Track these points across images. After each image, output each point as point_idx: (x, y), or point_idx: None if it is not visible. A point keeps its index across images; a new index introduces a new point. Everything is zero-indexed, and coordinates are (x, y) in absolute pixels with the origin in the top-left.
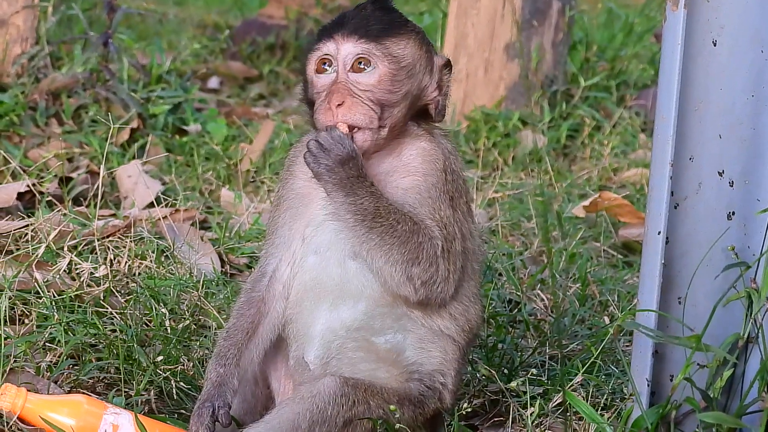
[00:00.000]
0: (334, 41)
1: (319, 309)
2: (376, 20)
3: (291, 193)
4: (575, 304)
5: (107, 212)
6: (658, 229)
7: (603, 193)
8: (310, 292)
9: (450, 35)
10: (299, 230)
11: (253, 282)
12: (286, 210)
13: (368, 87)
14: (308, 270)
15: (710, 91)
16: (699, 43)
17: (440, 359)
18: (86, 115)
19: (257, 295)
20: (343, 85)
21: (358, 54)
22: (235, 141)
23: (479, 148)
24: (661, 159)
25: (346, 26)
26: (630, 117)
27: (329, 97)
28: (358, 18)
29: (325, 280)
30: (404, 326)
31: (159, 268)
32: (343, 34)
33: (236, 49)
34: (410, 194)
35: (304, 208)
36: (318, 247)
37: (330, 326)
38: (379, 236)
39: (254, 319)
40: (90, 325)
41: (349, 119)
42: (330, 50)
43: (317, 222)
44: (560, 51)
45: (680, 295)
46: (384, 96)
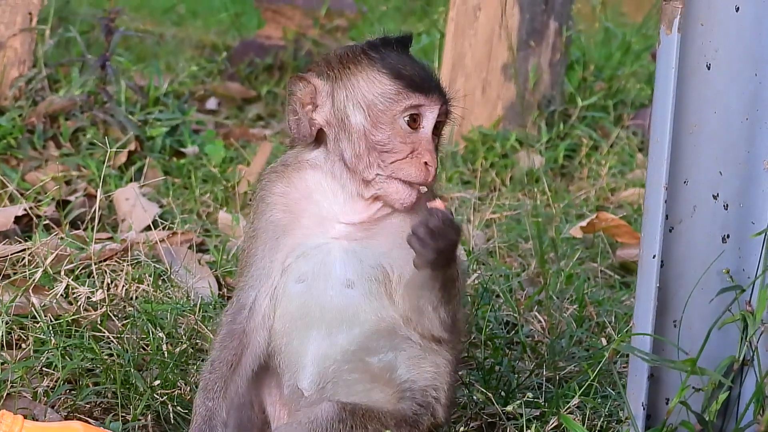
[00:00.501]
0: (427, 98)
1: (310, 337)
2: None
3: (269, 225)
4: (572, 325)
5: (104, 235)
6: (653, 253)
7: (600, 213)
8: (298, 321)
9: (447, 56)
10: (279, 261)
11: (233, 314)
12: (264, 242)
13: (438, 146)
14: (293, 299)
15: (705, 114)
16: (693, 66)
17: (432, 374)
18: (84, 138)
19: (238, 328)
20: (434, 147)
21: (442, 120)
22: (233, 163)
23: (477, 168)
24: (656, 182)
25: (435, 84)
26: (627, 137)
27: (424, 155)
28: (431, 72)
29: (314, 308)
30: (397, 345)
31: (156, 292)
32: (436, 95)
33: (234, 70)
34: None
35: (284, 238)
36: (302, 276)
37: (324, 353)
38: (449, 294)
39: (237, 351)
40: (87, 350)
41: (435, 179)
42: (424, 107)
43: (299, 251)
44: (557, 71)
45: (675, 318)
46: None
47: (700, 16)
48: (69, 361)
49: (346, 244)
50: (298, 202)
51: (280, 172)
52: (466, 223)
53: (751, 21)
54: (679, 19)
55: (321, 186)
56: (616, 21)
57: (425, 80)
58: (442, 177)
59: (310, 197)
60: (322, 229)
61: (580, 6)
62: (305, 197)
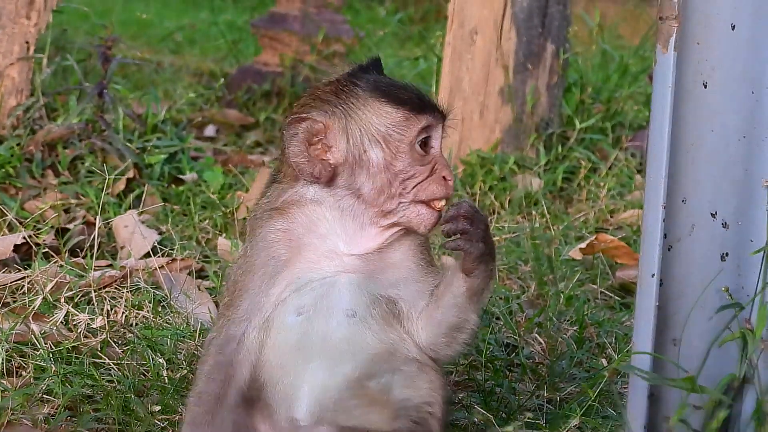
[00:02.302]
0: (434, 117)
1: (309, 370)
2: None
3: (270, 261)
4: (572, 346)
5: (104, 263)
6: (652, 272)
7: (600, 235)
8: (297, 354)
9: (445, 80)
10: (274, 295)
11: (221, 346)
12: (262, 278)
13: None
14: (289, 332)
15: (702, 133)
16: (690, 84)
17: (427, 390)
18: (82, 166)
19: (226, 360)
20: (446, 161)
21: (444, 135)
22: (232, 189)
23: (475, 192)
24: (654, 201)
25: (431, 101)
26: (626, 158)
27: (442, 170)
28: (420, 90)
29: (314, 340)
30: (396, 366)
31: (156, 318)
32: (437, 111)
33: (232, 97)
34: (421, 271)
35: (283, 272)
36: (301, 308)
37: (324, 384)
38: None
39: (224, 384)
40: (87, 376)
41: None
42: (432, 128)
43: (298, 284)
44: (555, 93)
45: (675, 336)
46: None
47: (696, 35)
48: (69, 387)
49: (353, 277)
50: (302, 237)
51: (280, 208)
52: None
53: (747, 39)
54: (675, 37)
55: (326, 220)
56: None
57: (424, 100)
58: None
59: (316, 231)
60: (328, 263)
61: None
62: (310, 231)
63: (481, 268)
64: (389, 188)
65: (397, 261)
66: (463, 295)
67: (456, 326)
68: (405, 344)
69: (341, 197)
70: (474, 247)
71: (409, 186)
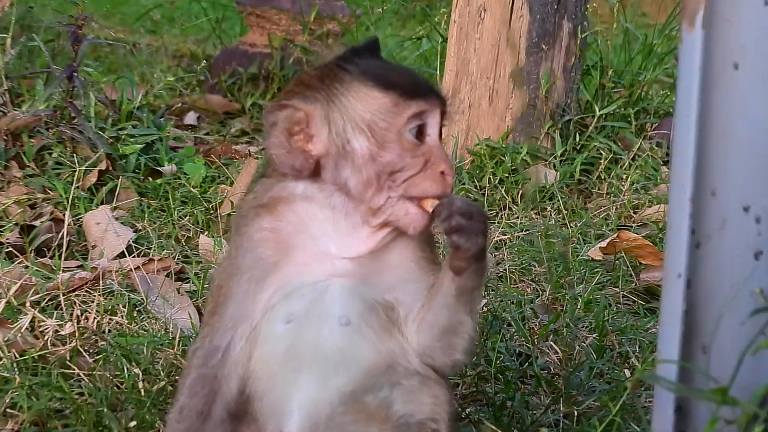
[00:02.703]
0: (427, 102)
1: (298, 382)
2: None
3: (257, 263)
4: (592, 356)
5: (73, 263)
6: (679, 272)
7: (622, 232)
8: (285, 365)
9: (450, 62)
10: (263, 301)
11: (205, 357)
12: (248, 282)
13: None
14: (278, 341)
15: (733, 119)
16: (719, 66)
17: (431, 406)
18: (50, 157)
19: (210, 372)
20: (445, 153)
21: (444, 123)
22: (215, 183)
23: (484, 186)
24: (680, 195)
25: (429, 85)
26: (651, 148)
27: (440, 164)
28: (417, 74)
29: (304, 351)
30: (395, 379)
31: (131, 325)
32: (437, 97)
33: (215, 82)
34: (419, 267)
35: (272, 276)
36: (290, 316)
37: (316, 398)
38: (480, 292)
39: (208, 399)
40: (55, 389)
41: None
42: (426, 114)
43: (287, 289)
44: (572, 77)
45: (704, 343)
46: None
47: (726, 11)
48: (35, 401)
49: (346, 282)
50: (291, 237)
51: (268, 205)
52: None
53: None
54: (702, 14)
55: (317, 219)
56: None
57: (418, 83)
58: None
59: (306, 231)
60: (319, 266)
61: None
62: (300, 231)
63: (474, 266)
64: (377, 182)
65: (394, 261)
66: (453, 295)
67: (450, 329)
68: (406, 355)
69: (331, 193)
70: (471, 243)
71: (399, 179)
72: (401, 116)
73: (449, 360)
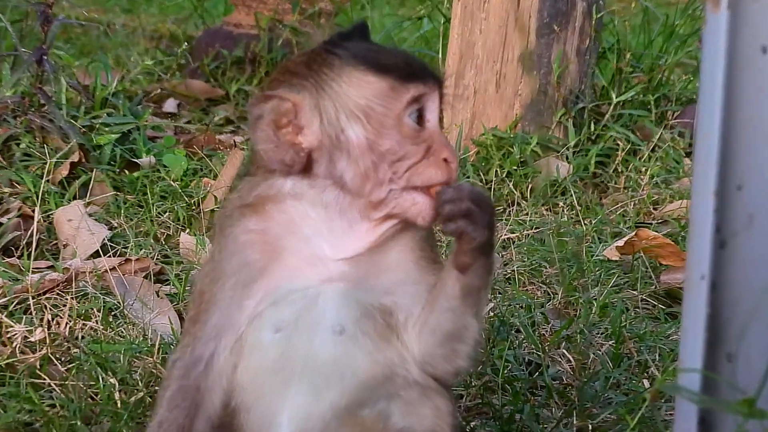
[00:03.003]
0: (425, 85)
1: (288, 394)
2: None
3: (243, 268)
4: (608, 365)
5: (44, 264)
6: (702, 273)
7: (640, 230)
8: (274, 377)
9: (454, 44)
10: (249, 308)
11: (186, 368)
12: (233, 288)
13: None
14: (267, 351)
15: (761, 107)
16: (746, 50)
17: (432, 418)
18: (17, 148)
19: (192, 384)
20: (446, 139)
21: (442, 107)
22: (197, 176)
23: (491, 179)
24: (703, 189)
25: (425, 66)
26: (672, 138)
27: (442, 151)
28: (412, 55)
29: (295, 361)
30: (391, 390)
31: (106, 331)
32: (431, 78)
33: (197, 65)
34: (417, 267)
35: (259, 281)
36: (280, 324)
37: (307, 411)
38: (483, 303)
39: (189, 412)
40: (24, 400)
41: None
42: (425, 98)
43: (276, 296)
44: (587, 60)
45: (729, 350)
46: None
47: None
48: (2, 413)
49: (341, 287)
50: (281, 239)
51: (254, 204)
52: None
53: None
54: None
55: (309, 218)
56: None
57: (414, 65)
58: None
59: (297, 232)
60: (311, 270)
61: None
62: (290, 233)
63: (480, 261)
64: (376, 173)
65: (392, 262)
66: (457, 296)
67: (454, 334)
68: (405, 364)
69: (323, 189)
70: (478, 232)
71: (400, 169)
72: (400, 101)
73: (452, 368)
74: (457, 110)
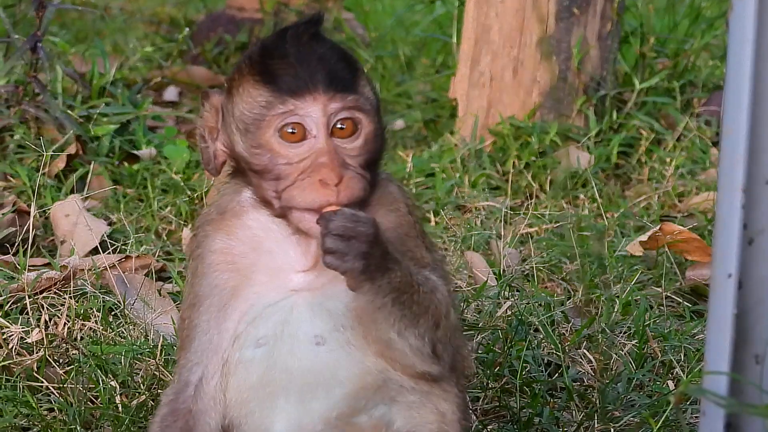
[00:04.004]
0: (302, 99)
1: (276, 408)
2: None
3: (213, 290)
4: (631, 365)
5: (40, 261)
6: (729, 271)
7: (665, 224)
8: (260, 391)
9: (469, 28)
10: (229, 330)
11: (175, 393)
12: (208, 311)
13: (358, 152)
14: (251, 367)
15: None
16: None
17: (438, 423)
18: (11, 140)
19: (183, 407)
20: (334, 156)
21: (344, 117)
22: (200, 167)
23: (508, 170)
24: (730, 184)
25: (315, 77)
26: (698, 127)
27: (319, 172)
28: (317, 61)
29: (278, 374)
30: (391, 396)
31: (106, 331)
32: (312, 91)
33: (199, 51)
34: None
35: (233, 302)
36: (261, 340)
37: (298, 423)
38: (410, 309)
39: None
40: (21, 404)
41: (351, 197)
42: (300, 112)
43: (252, 315)
44: (608, 45)
45: (757, 352)
46: (372, 155)
47: None
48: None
49: (309, 296)
50: (245, 256)
51: (217, 221)
52: (496, 238)
53: None
54: None
55: (270, 231)
56: None
57: (299, 79)
58: (464, 181)
59: (260, 247)
60: (278, 283)
61: None
62: (253, 249)
63: (366, 286)
64: (261, 190)
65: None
66: (364, 309)
67: (383, 341)
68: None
69: None
70: (347, 264)
71: (278, 188)
72: (270, 115)
73: (411, 370)
74: (472, 98)
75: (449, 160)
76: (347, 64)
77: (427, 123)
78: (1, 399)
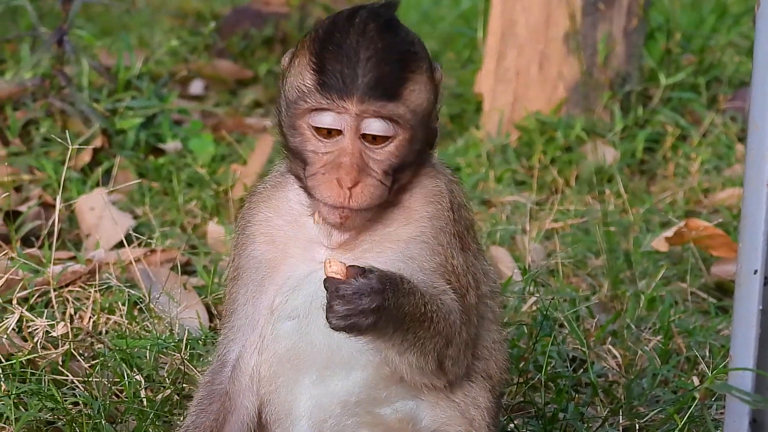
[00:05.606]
0: (339, 97)
1: (302, 383)
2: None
3: (251, 261)
4: (656, 361)
5: (65, 255)
6: (754, 268)
7: (690, 220)
8: (287, 364)
9: (495, 23)
10: (266, 303)
11: (213, 373)
12: (246, 284)
13: (385, 158)
14: (283, 338)
15: None
16: None
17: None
18: (37, 133)
19: (220, 388)
20: (356, 160)
21: (376, 124)
22: (225, 161)
23: (533, 165)
24: (756, 179)
25: (357, 80)
26: (724, 123)
27: (338, 171)
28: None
29: (305, 348)
30: (413, 392)
31: (131, 325)
32: (355, 92)
33: (225, 45)
34: (414, 246)
35: (271, 276)
36: (293, 312)
37: (318, 403)
38: (414, 334)
39: (218, 416)
40: (46, 398)
41: (362, 203)
42: (334, 109)
43: (288, 288)
44: (634, 41)
45: None
46: (400, 161)
47: None
48: (24, 411)
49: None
50: (282, 229)
51: (264, 192)
52: (521, 234)
53: None
54: None
55: (305, 205)
56: None
57: (343, 77)
58: (489, 176)
59: (297, 221)
60: (309, 255)
61: None
62: (291, 222)
63: (371, 330)
64: (297, 169)
65: (376, 243)
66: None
67: (385, 359)
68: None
69: None
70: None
71: (306, 172)
72: (302, 106)
73: (419, 383)
74: (498, 93)
75: (475, 155)
76: (401, 67)
77: (452, 117)
78: (26, 393)
